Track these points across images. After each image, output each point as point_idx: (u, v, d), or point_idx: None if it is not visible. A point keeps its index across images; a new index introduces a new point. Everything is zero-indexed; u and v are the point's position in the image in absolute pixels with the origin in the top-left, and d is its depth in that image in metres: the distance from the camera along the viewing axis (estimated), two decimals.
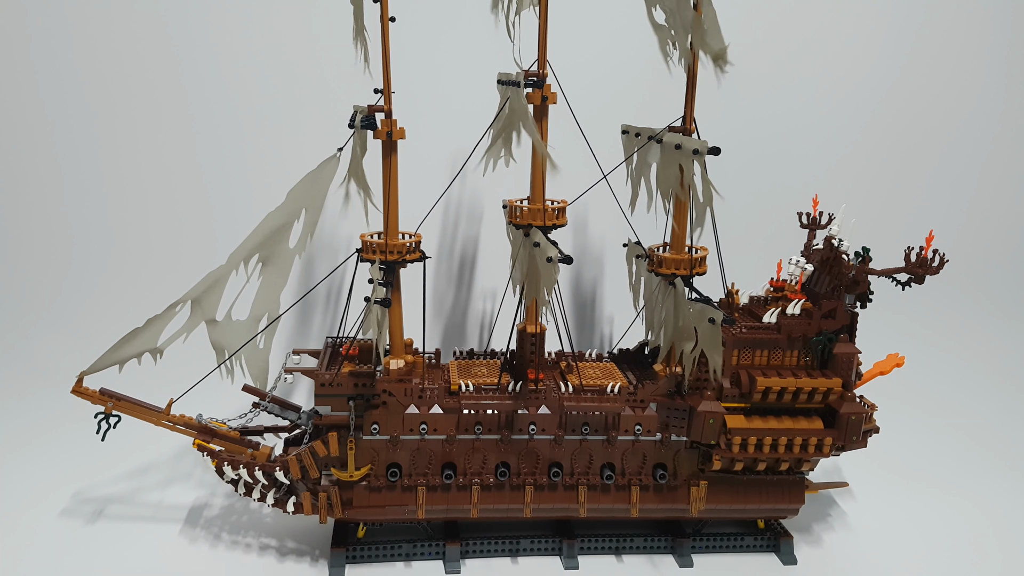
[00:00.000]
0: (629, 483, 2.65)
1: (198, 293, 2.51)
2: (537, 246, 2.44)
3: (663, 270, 2.63)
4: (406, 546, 2.70)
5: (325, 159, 2.44)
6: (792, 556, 2.77)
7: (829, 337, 2.59)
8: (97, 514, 2.89)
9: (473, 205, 3.71)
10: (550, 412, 2.59)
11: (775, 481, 2.71)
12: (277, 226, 2.46)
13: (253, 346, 2.52)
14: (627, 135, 2.71)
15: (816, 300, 2.63)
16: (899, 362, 2.79)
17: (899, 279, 2.55)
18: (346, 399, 2.53)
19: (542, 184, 2.57)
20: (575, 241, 3.79)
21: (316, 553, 2.72)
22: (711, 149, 2.37)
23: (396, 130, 2.49)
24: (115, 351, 2.54)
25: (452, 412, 2.57)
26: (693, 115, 2.56)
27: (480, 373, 2.74)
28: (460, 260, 3.76)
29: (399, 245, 2.56)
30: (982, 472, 3.36)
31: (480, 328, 3.79)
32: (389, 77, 2.47)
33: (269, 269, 2.49)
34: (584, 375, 2.72)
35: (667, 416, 2.61)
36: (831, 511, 3.08)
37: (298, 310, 3.63)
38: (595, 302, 3.85)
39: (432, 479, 2.60)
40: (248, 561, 2.66)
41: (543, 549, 2.76)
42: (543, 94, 2.49)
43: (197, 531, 2.81)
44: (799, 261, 2.73)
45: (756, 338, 2.59)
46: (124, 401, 2.60)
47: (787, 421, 2.58)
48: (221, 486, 3.03)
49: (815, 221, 2.86)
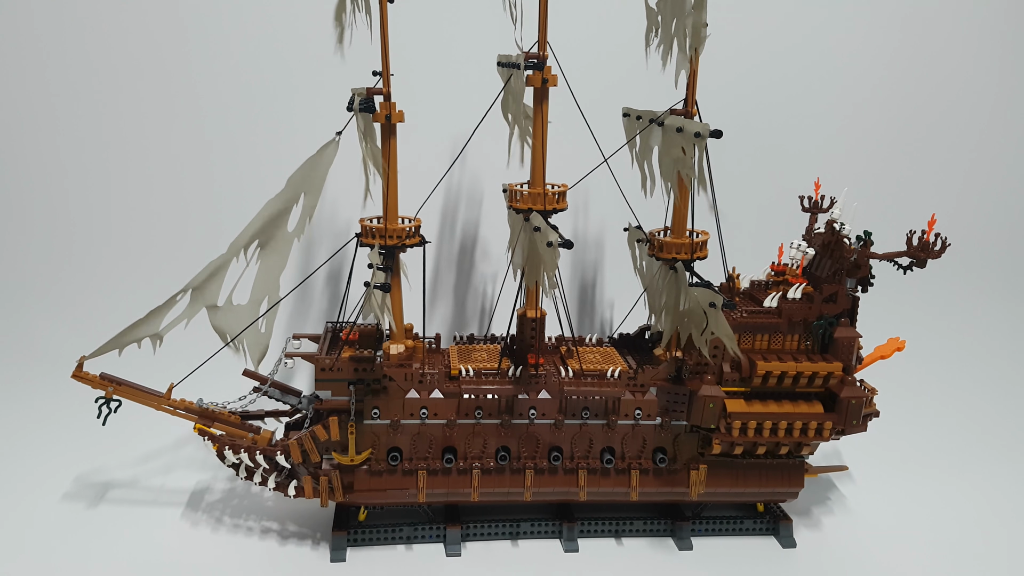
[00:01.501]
0: (629, 467, 2.66)
1: (199, 282, 2.51)
2: (537, 231, 2.43)
3: (664, 254, 2.62)
4: (407, 529, 2.71)
5: (324, 144, 2.43)
6: (791, 539, 2.79)
7: (830, 321, 2.58)
8: (99, 498, 2.90)
9: (473, 189, 3.69)
10: (550, 397, 2.59)
11: (775, 465, 2.71)
12: (276, 212, 2.45)
13: (254, 330, 2.51)
14: (628, 118, 2.69)
15: (817, 284, 2.62)
16: (900, 346, 2.79)
17: (901, 263, 2.54)
18: (346, 384, 2.53)
19: (542, 168, 2.56)
20: (575, 225, 3.77)
21: (317, 536, 2.73)
22: (713, 132, 2.34)
23: (395, 113, 2.47)
24: (116, 340, 2.54)
25: (452, 397, 2.57)
26: (695, 98, 2.54)
27: (480, 358, 2.74)
28: (460, 245, 3.75)
29: (399, 230, 2.55)
30: (982, 456, 3.37)
31: (480, 313, 3.79)
32: (388, 59, 2.45)
33: (267, 252, 2.48)
34: (584, 360, 2.72)
35: (667, 400, 2.62)
36: (831, 495, 3.09)
37: (298, 295, 3.63)
38: (595, 287, 3.84)
39: (433, 463, 2.61)
40: (250, 544, 2.68)
41: (543, 532, 2.77)
42: (543, 76, 2.48)
43: (199, 515, 2.83)
44: (800, 245, 2.72)
45: (757, 322, 2.59)
46: (125, 386, 2.60)
47: (787, 405, 2.58)
48: (222, 470, 3.04)
49: (817, 205, 2.85)
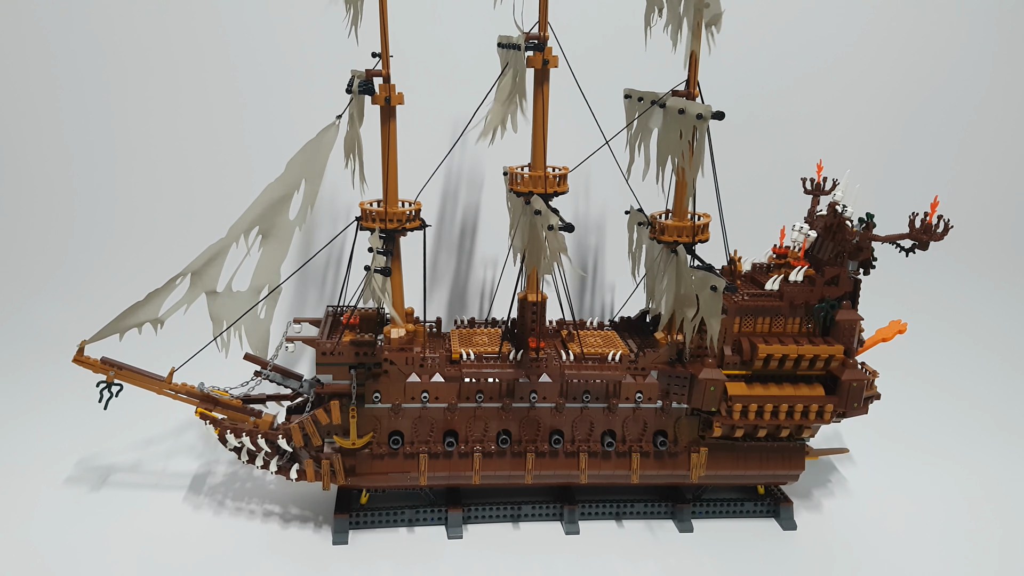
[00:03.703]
0: (630, 450, 2.66)
1: (199, 266, 2.50)
2: (538, 214, 2.42)
3: (665, 237, 2.60)
4: (409, 512, 2.72)
5: (324, 127, 2.41)
6: (792, 521, 2.80)
7: (832, 304, 2.57)
8: (101, 482, 2.91)
9: (474, 172, 3.67)
10: (551, 380, 2.59)
11: (776, 447, 2.72)
12: (277, 197, 2.44)
13: (254, 316, 2.51)
14: (630, 99, 2.67)
15: (819, 267, 2.61)
16: (901, 329, 2.78)
17: (903, 245, 2.52)
18: (348, 368, 2.53)
19: (543, 150, 2.54)
20: (576, 208, 3.76)
21: (320, 519, 2.74)
22: (715, 114, 2.32)
23: (395, 95, 2.45)
24: (116, 323, 2.54)
25: (453, 380, 2.57)
26: (697, 79, 2.52)
27: (481, 342, 2.74)
28: (460, 228, 3.74)
29: (399, 213, 2.54)
30: (983, 439, 3.37)
31: (481, 297, 3.78)
32: (387, 40, 2.43)
33: (269, 241, 2.48)
34: (585, 343, 2.72)
35: (668, 384, 2.61)
36: (831, 477, 3.10)
37: (298, 279, 3.62)
38: (596, 270, 3.83)
39: (434, 447, 2.61)
40: (252, 527, 2.69)
41: (544, 515, 2.78)
42: (544, 57, 2.45)
43: (201, 498, 2.84)
44: (802, 227, 2.70)
45: (758, 305, 2.58)
46: (126, 370, 2.60)
47: (788, 388, 2.58)
48: (224, 454, 3.05)
49: (819, 187, 2.83)
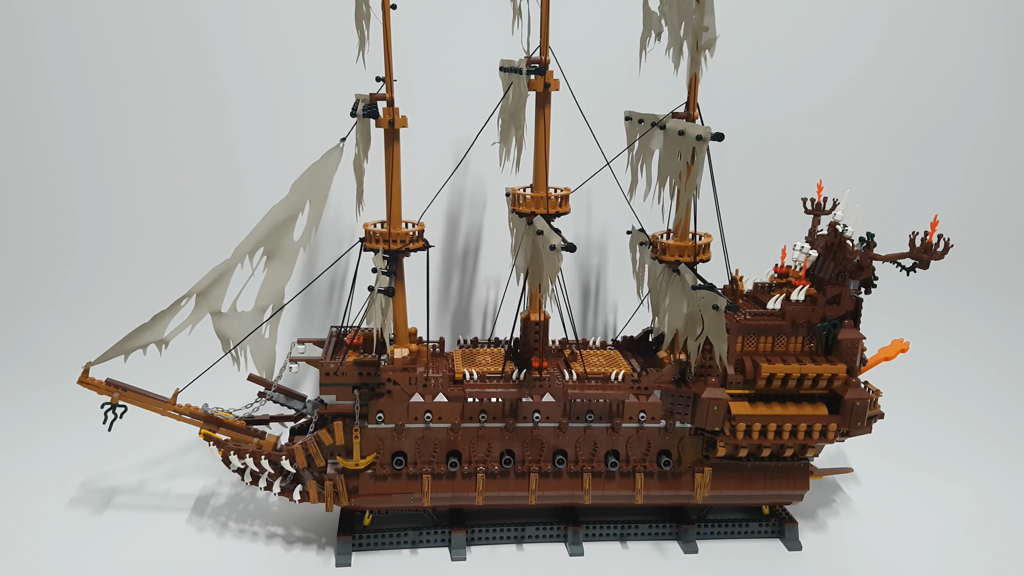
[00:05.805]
0: (633, 470, 2.66)
1: (203, 287, 2.52)
2: (540, 234, 2.43)
3: (667, 257, 2.62)
4: (412, 533, 2.71)
5: (328, 149, 2.44)
6: (797, 542, 2.78)
7: (833, 323, 2.58)
8: (105, 503, 2.91)
9: (476, 193, 3.70)
10: (554, 400, 2.59)
11: (780, 467, 2.71)
12: (282, 219, 2.46)
13: (259, 336, 2.52)
14: (630, 121, 2.70)
15: (820, 286, 2.62)
16: (904, 348, 2.78)
17: (904, 264, 2.53)
18: (351, 388, 2.54)
19: (545, 172, 2.56)
20: (578, 229, 3.78)
21: (323, 541, 2.73)
22: (715, 135, 2.34)
23: (398, 118, 2.48)
24: (121, 345, 2.55)
25: (457, 400, 2.58)
26: (697, 101, 2.54)
27: (484, 361, 2.74)
28: (464, 248, 3.76)
29: (402, 234, 2.56)
30: (987, 458, 3.36)
31: (484, 316, 3.80)
32: (391, 65, 2.46)
33: (274, 262, 2.49)
34: (588, 363, 2.72)
35: (671, 403, 2.62)
36: (836, 497, 3.08)
37: (302, 299, 3.64)
38: (599, 290, 3.84)
39: (437, 467, 2.61)
40: (255, 549, 2.68)
41: (548, 536, 2.77)
42: (546, 81, 2.48)
43: (204, 520, 2.83)
44: (803, 247, 2.72)
45: (760, 324, 2.59)
46: (130, 391, 2.61)
47: (791, 407, 2.58)
48: (227, 475, 3.05)
49: (819, 207, 2.85)
